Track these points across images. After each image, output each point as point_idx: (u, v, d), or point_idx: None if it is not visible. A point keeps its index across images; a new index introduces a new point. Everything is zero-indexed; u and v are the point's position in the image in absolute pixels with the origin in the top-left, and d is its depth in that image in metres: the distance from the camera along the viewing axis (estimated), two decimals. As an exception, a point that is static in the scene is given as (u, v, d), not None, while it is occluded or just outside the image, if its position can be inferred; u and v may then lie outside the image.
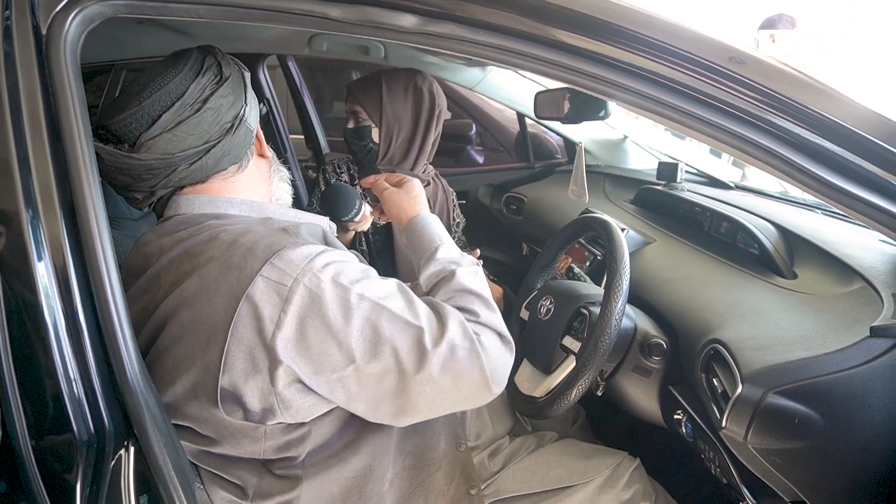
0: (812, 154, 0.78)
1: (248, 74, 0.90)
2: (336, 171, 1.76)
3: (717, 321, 1.01)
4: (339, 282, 0.75)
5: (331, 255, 0.77)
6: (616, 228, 1.05)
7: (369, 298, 0.76)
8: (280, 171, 0.99)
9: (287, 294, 0.72)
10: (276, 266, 0.73)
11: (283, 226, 0.81)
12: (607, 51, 0.78)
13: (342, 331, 0.74)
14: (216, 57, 0.86)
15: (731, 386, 0.86)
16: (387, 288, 0.80)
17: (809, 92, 0.76)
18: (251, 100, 0.89)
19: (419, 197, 1.06)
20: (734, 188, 1.80)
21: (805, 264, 1.17)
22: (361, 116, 1.65)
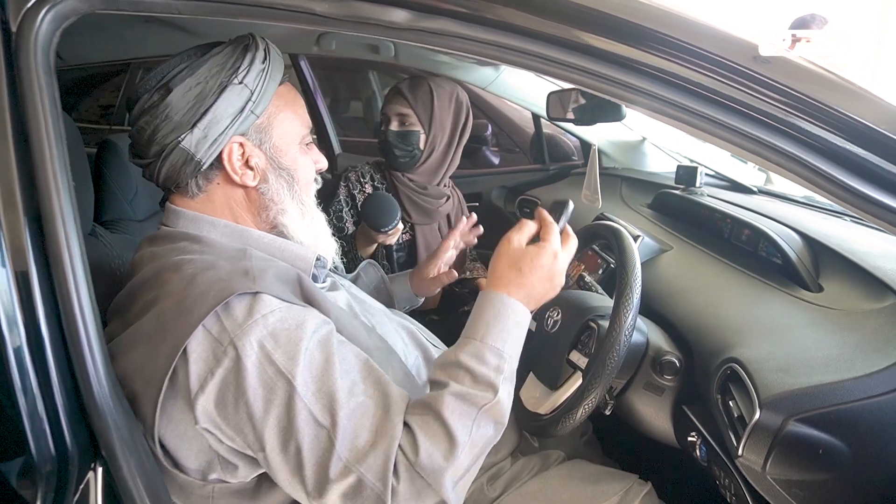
0: (839, 160, 0.71)
1: (225, 101, 0.80)
2: (360, 181, 1.71)
3: (734, 338, 0.95)
4: (273, 358, 0.70)
5: (279, 319, 0.72)
6: (627, 237, 0.99)
7: (298, 388, 0.70)
8: (288, 211, 0.89)
9: (220, 355, 0.70)
10: (219, 318, 0.71)
11: (248, 267, 0.76)
12: (618, 49, 0.73)
13: (259, 417, 0.70)
14: (164, 78, 0.81)
15: (748, 410, 0.80)
16: (328, 374, 0.72)
17: (837, 93, 0.70)
18: (213, 127, 0.80)
19: (541, 272, 0.86)
20: (757, 193, 1.72)
21: (831, 276, 1.09)
22: (410, 120, 1.62)
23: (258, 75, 0.82)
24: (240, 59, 0.82)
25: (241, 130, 0.83)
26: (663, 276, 1.28)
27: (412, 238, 1.72)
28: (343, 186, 1.70)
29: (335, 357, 0.74)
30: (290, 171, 0.88)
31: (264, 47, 0.85)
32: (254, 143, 0.84)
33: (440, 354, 0.83)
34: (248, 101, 0.81)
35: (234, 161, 0.84)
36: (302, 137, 0.90)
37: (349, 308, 0.93)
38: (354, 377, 0.75)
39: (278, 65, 0.86)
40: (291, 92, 0.89)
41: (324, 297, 0.82)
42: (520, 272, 0.85)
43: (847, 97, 0.69)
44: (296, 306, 0.76)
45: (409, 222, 1.70)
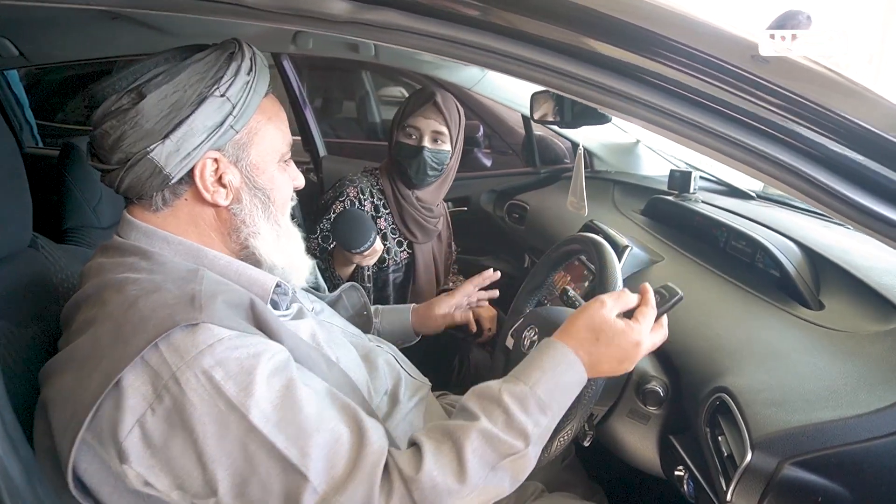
0: (840, 170, 0.64)
1: (203, 114, 0.74)
2: (359, 198, 1.56)
3: (725, 362, 0.86)
4: (223, 390, 0.63)
5: (228, 347, 0.65)
6: (608, 251, 0.90)
7: (255, 421, 0.63)
8: (261, 233, 0.82)
9: (161, 391, 0.63)
10: (159, 349, 0.64)
11: (196, 292, 0.69)
12: (593, 46, 0.65)
13: (210, 457, 0.62)
14: (141, 84, 0.73)
15: (738, 450, 0.71)
16: (292, 402, 0.65)
17: (839, 94, 0.62)
18: (187, 140, 0.73)
19: (616, 351, 0.78)
20: (755, 198, 1.64)
21: (833, 293, 1.01)
22: (443, 138, 1.53)
23: (242, 88, 0.75)
24: (223, 68, 0.75)
25: (217, 145, 0.76)
26: (652, 291, 1.19)
27: (411, 257, 1.64)
28: (339, 203, 1.55)
29: (297, 382, 0.67)
30: (267, 191, 0.81)
31: (251, 56, 0.78)
32: (230, 160, 0.78)
33: (480, 384, 0.77)
34: (228, 115, 0.75)
35: (207, 178, 0.76)
36: (281, 155, 0.83)
37: (312, 339, 0.86)
38: (321, 403, 0.68)
39: (264, 76, 0.79)
40: (275, 105, 0.82)
41: (279, 324, 0.75)
42: (597, 340, 0.78)
43: (849, 99, 0.61)
44: (247, 334, 0.69)
45: (407, 240, 1.62)
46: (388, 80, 4.03)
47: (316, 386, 0.71)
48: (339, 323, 1.03)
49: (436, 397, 1.25)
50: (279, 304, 0.87)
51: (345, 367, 0.84)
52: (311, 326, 0.88)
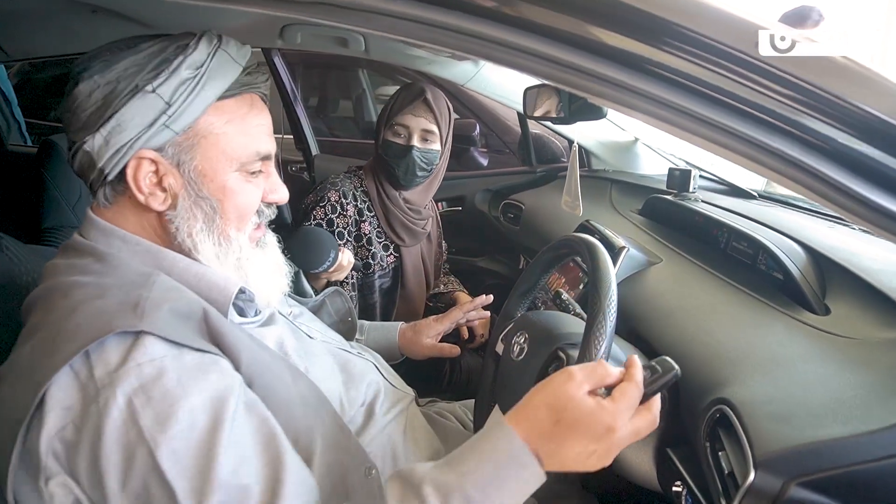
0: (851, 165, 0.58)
1: (132, 109, 0.69)
2: (341, 203, 1.46)
3: (725, 371, 0.81)
4: (138, 418, 0.58)
5: (158, 370, 0.60)
6: (602, 253, 0.85)
7: (162, 459, 0.58)
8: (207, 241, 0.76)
9: (85, 406, 0.59)
10: (88, 360, 0.60)
11: (141, 298, 0.64)
12: (583, 30, 0.60)
13: (111, 489, 0.58)
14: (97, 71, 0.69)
15: (740, 467, 0.66)
16: (209, 446, 0.59)
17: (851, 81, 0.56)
18: (116, 136, 0.69)
19: (584, 440, 0.63)
20: (757, 198, 1.59)
21: (839, 297, 0.95)
22: (433, 137, 1.46)
23: (182, 85, 0.70)
24: (167, 62, 0.69)
25: (152, 145, 0.71)
26: (650, 294, 1.14)
27: (398, 261, 1.57)
28: (320, 209, 1.46)
29: (225, 425, 0.61)
30: (214, 201, 0.75)
31: (210, 52, 0.71)
32: (169, 162, 0.72)
33: (407, 466, 0.68)
34: (161, 113, 0.69)
35: (141, 178, 0.71)
36: (243, 164, 0.76)
37: (279, 347, 0.81)
38: (246, 452, 0.62)
39: (223, 74, 0.72)
40: (244, 107, 0.76)
41: (237, 337, 0.70)
42: (557, 423, 0.62)
43: (863, 87, 0.55)
44: (190, 354, 0.63)
45: (394, 243, 1.56)
46: (385, 79, 3.98)
47: (250, 428, 0.64)
48: (318, 328, 0.98)
49: (424, 404, 1.20)
50: (245, 310, 0.82)
51: (315, 378, 0.79)
52: (280, 334, 0.83)
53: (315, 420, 0.74)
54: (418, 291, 1.61)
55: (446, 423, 1.09)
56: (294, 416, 0.72)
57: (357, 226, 1.48)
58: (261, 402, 0.68)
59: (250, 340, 0.75)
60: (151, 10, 1.54)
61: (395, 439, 0.89)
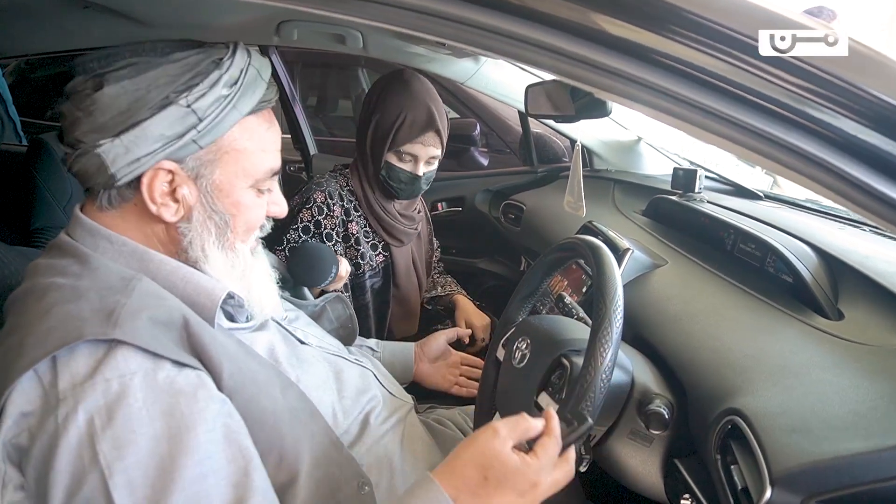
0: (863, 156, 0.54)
1: (162, 121, 0.67)
2: (327, 204, 1.41)
3: (737, 380, 0.78)
4: (95, 440, 0.55)
5: (125, 389, 0.57)
6: (607, 256, 0.81)
7: (114, 490, 0.54)
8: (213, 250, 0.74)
9: (44, 414, 0.56)
10: (55, 366, 0.57)
11: (117, 304, 0.61)
12: (589, 20, 0.56)
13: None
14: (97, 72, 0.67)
15: (755, 484, 0.63)
16: (167, 479, 0.56)
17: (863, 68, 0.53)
18: (138, 145, 0.66)
19: (509, 495, 0.64)
20: (764, 198, 1.55)
21: (853, 301, 0.92)
22: (438, 157, 1.42)
23: (216, 102, 0.68)
24: (202, 75, 0.67)
25: (175, 157, 0.68)
26: (655, 298, 1.10)
27: (388, 260, 1.53)
28: (306, 210, 1.40)
29: (189, 457, 0.57)
30: (227, 216, 0.73)
31: (244, 67, 0.70)
32: (188, 175, 0.70)
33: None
34: (191, 128, 0.67)
35: (156, 189, 0.69)
36: (257, 181, 0.74)
37: (270, 354, 0.78)
38: (205, 488, 0.58)
39: (254, 91, 0.71)
40: (264, 124, 0.74)
41: (221, 345, 0.66)
42: (484, 481, 0.63)
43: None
44: (164, 371, 0.60)
45: (383, 242, 1.51)
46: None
47: (219, 461, 0.60)
48: (315, 333, 0.95)
49: (423, 411, 1.17)
50: (236, 315, 0.79)
51: (307, 387, 0.76)
52: (272, 340, 0.79)
53: (303, 433, 0.71)
54: (412, 291, 1.57)
55: (446, 431, 1.06)
56: (280, 431, 0.69)
57: (344, 226, 1.44)
58: (242, 429, 0.64)
59: (238, 348, 0.72)
60: (145, 7, 1.50)
61: (391, 450, 0.86)
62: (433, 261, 1.71)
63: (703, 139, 0.62)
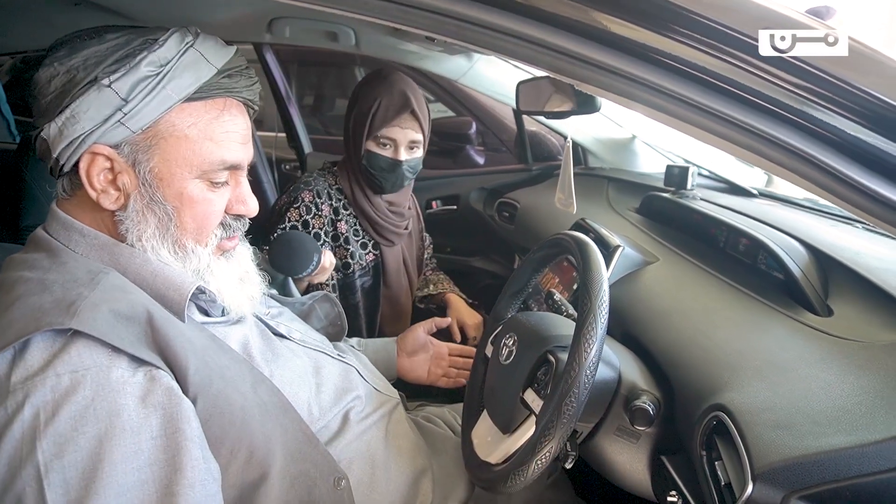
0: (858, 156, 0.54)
1: (86, 102, 0.66)
2: (315, 203, 1.40)
3: (724, 376, 0.77)
4: (37, 435, 0.54)
5: (74, 384, 0.56)
6: (594, 252, 0.81)
7: (48, 484, 0.53)
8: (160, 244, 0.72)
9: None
10: (12, 358, 0.57)
11: (78, 297, 0.61)
12: (592, 19, 0.57)
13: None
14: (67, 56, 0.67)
15: (738, 479, 0.62)
16: (98, 485, 0.54)
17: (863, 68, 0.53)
18: (69, 127, 0.65)
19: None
20: (757, 196, 1.54)
21: (842, 298, 0.91)
22: (418, 145, 1.41)
23: (142, 82, 0.66)
24: (129, 56, 0.66)
25: (108, 141, 0.67)
26: (645, 294, 1.10)
27: (378, 258, 1.52)
28: (294, 210, 1.39)
29: (130, 462, 0.56)
30: (169, 207, 0.71)
31: (180, 49, 0.68)
32: (126, 161, 0.69)
33: None
34: (117, 109, 0.66)
35: (94, 174, 0.68)
36: (205, 172, 0.71)
37: (243, 349, 0.77)
38: (142, 496, 0.57)
39: (193, 74, 0.68)
40: (213, 111, 0.71)
41: (186, 340, 0.66)
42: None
43: (875, 74, 0.51)
44: (120, 369, 0.59)
45: (373, 240, 1.51)
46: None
47: (160, 473, 0.59)
48: (299, 328, 0.94)
49: (413, 409, 1.16)
50: (209, 310, 0.78)
51: (281, 382, 0.76)
52: (246, 335, 0.79)
53: (275, 429, 0.71)
54: (402, 290, 1.56)
55: (434, 428, 1.05)
56: (250, 426, 0.68)
57: (333, 225, 1.43)
58: (196, 438, 0.62)
59: (208, 343, 0.71)
60: (136, 4, 1.50)
61: (374, 445, 0.85)
62: (425, 258, 1.70)
63: (702, 139, 0.62)
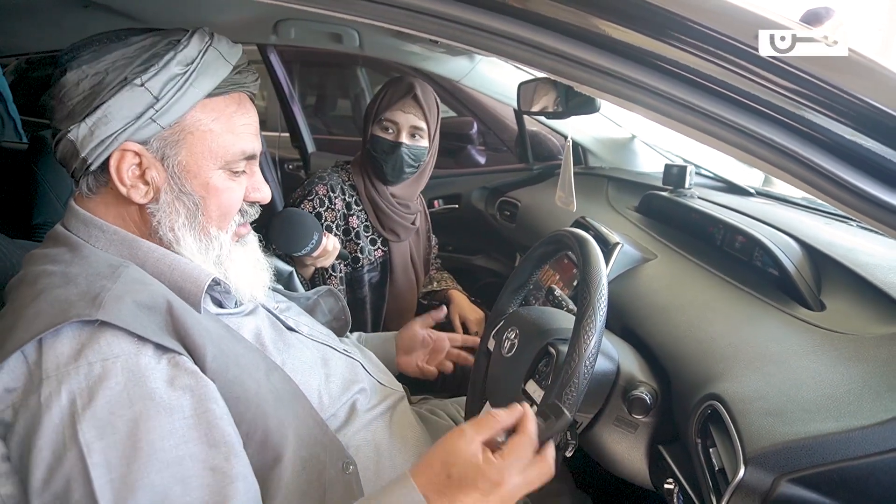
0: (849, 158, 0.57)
1: (119, 101, 0.69)
2: (329, 197, 1.45)
3: (718, 367, 0.80)
4: (76, 420, 0.57)
5: (107, 371, 0.59)
6: (593, 247, 0.84)
7: (93, 468, 0.57)
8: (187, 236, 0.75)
9: (27, 392, 0.58)
10: (40, 347, 0.60)
11: (102, 289, 0.63)
12: (593, 25, 0.59)
13: (34, 488, 0.57)
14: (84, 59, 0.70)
15: (731, 464, 0.65)
16: (143, 460, 0.58)
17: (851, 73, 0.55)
18: (101, 127, 0.69)
19: (473, 496, 0.65)
20: (754, 194, 1.57)
21: (835, 293, 0.94)
22: (422, 133, 1.45)
23: (171, 80, 0.70)
24: (157, 56, 0.70)
25: (138, 138, 0.71)
26: (643, 290, 1.13)
27: (386, 255, 1.56)
28: (307, 202, 1.44)
29: (166, 440, 0.60)
30: (197, 197, 0.75)
31: (202, 49, 0.72)
32: (154, 156, 0.72)
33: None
34: (149, 107, 0.69)
35: (125, 171, 0.71)
36: (227, 162, 0.76)
37: (256, 339, 0.80)
38: (182, 471, 0.60)
39: (214, 71, 0.72)
40: (232, 106, 0.76)
41: (204, 329, 0.69)
42: (447, 479, 0.65)
43: (860, 78, 0.54)
44: (146, 356, 0.62)
45: (382, 237, 1.55)
46: (383, 77, 3.97)
47: (198, 447, 0.62)
48: (306, 322, 0.97)
49: (417, 402, 1.19)
50: (224, 301, 0.81)
51: (292, 371, 0.79)
52: (259, 325, 0.82)
53: (288, 415, 0.74)
54: (408, 287, 1.60)
55: (438, 420, 1.08)
56: (264, 411, 0.71)
57: (345, 219, 1.47)
58: (225, 416, 0.66)
59: (224, 332, 0.74)
60: (144, 6, 1.53)
61: (380, 435, 0.88)
62: (431, 257, 1.73)
63: (699, 139, 0.65)
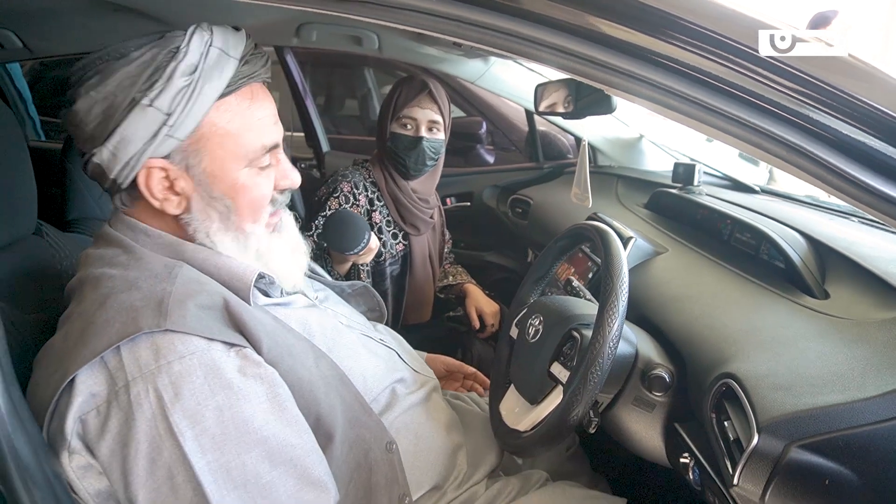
0: (852, 153, 0.63)
1: (133, 123, 0.69)
2: (353, 193, 1.53)
3: (731, 349, 0.86)
4: (167, 413, 0.62)
5: (187, 368, 0.64)
6: (614, 238, 0.90)
7: (189, 453, 0.62)
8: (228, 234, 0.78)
9: (112, 395, 0.63)
10: (119, 352, 0.64)
11: (165, 294, 0.67)
12: (608, 29, 0.65)
13: (136, 479, 0.62)
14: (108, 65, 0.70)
15: (745, 434, 0.71)
16: (237, 441, 0.65)
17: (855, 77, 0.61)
18: (123, 149, 0.70)
19: None
20: (759, 192, 1.64)
21: (839, 282, 1.00)
22: (439, 127, 1.52)
23: (178, 94, 0.69)
24: (160, 70, 0.68)
25: (159, 153, 0.71)
26: (656, 281, 1.19)
27: (406, 248, 1.63)
28: (334, 199, 1.52)
29: (250, 423, 0.66)
30: (227, 199, 0.76)
31: (202, 52, 0.70)
32: (179, 168, 0.73)
33: None
34: (162, 124, 0.69)
35: (154, 186, 0.73)
36: (251, 160, 0.76)
37: (304, 328, 0.84)
38: (269, 449, 0.67)
39: (219, 72, 0.70)
40: (245, 101, 0.74)
41: (259, 322, 0.73)
42: None
43: (864, 81, 0.60)
44: (216, 351, 0.67)
45: (403, 231, 1.62)
46: (391, 78, 4.03)
47: (282, 421, 0.69)
48: (344, 312, 1.02)
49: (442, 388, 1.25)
50: (269, 292, 0.85)
51: (338, 357, 0.84)
52: (305, 315, 0.87)
53: (336, 399, 0.79)
54: (426, 279, 1.67)
55: (463, 405, 1.14)
56: (316, 397, 0.76)
57: (369, 215, 1.54)
58: (290, 399, 0.72)
59: (274, 323, 0.78)
60: (172, 8, 1.58)
61: (418, 419, 0.93)
62: (445, 252, 1.80)
63: (708, 133, 0.70)
